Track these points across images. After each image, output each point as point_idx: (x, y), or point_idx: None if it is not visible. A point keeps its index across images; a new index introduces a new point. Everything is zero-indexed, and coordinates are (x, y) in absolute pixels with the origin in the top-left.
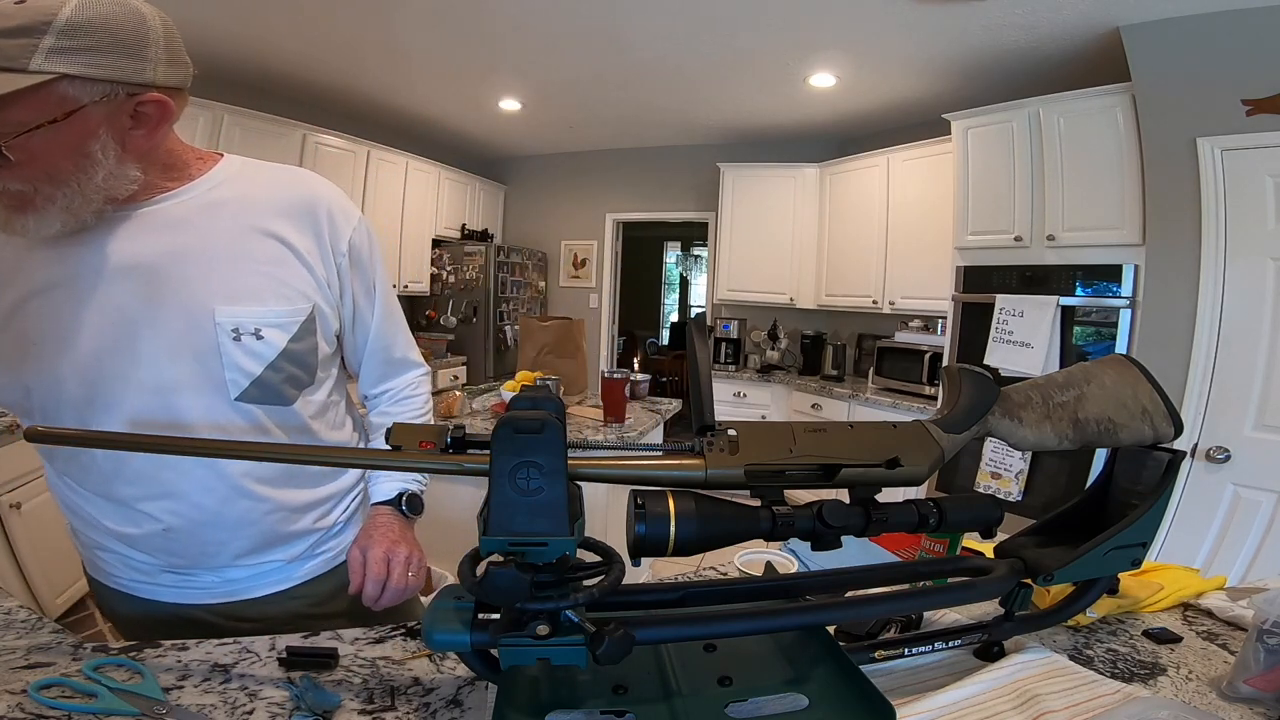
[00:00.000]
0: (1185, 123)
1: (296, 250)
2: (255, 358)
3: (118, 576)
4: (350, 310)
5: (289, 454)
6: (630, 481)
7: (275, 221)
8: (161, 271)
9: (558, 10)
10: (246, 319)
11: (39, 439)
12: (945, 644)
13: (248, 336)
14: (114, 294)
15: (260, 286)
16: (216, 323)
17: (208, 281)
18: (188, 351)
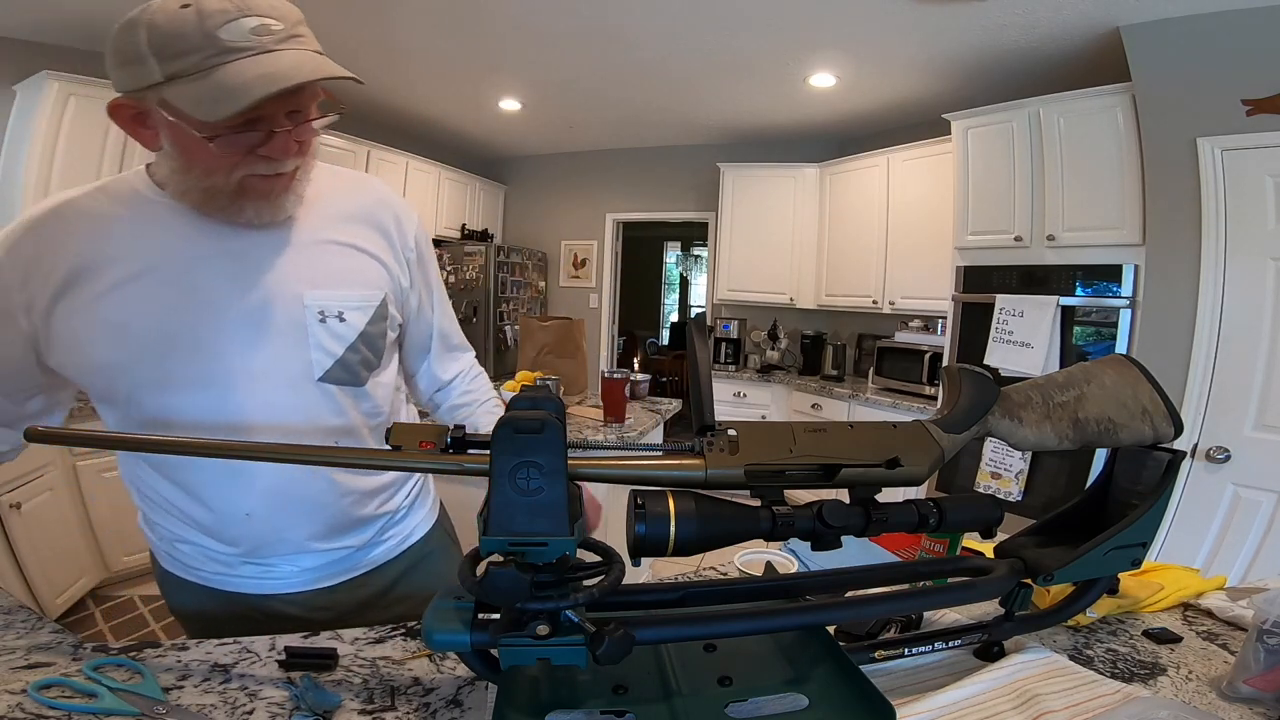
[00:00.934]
0: (1185, 123)
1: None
2: (338, 339)
3: (198, 569)
4: (415, 302)
5: (289, 454)
6: (630, 481)
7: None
8: (250, 258)
9: (558, 10)
10: (331, 302)
11: (39, 439)
12: (945, 644)
13: (332, 319)
14: (204, 279)
15: (341, 273)
16: (305, 305)
17: (295, 268)
18: (275, 333)
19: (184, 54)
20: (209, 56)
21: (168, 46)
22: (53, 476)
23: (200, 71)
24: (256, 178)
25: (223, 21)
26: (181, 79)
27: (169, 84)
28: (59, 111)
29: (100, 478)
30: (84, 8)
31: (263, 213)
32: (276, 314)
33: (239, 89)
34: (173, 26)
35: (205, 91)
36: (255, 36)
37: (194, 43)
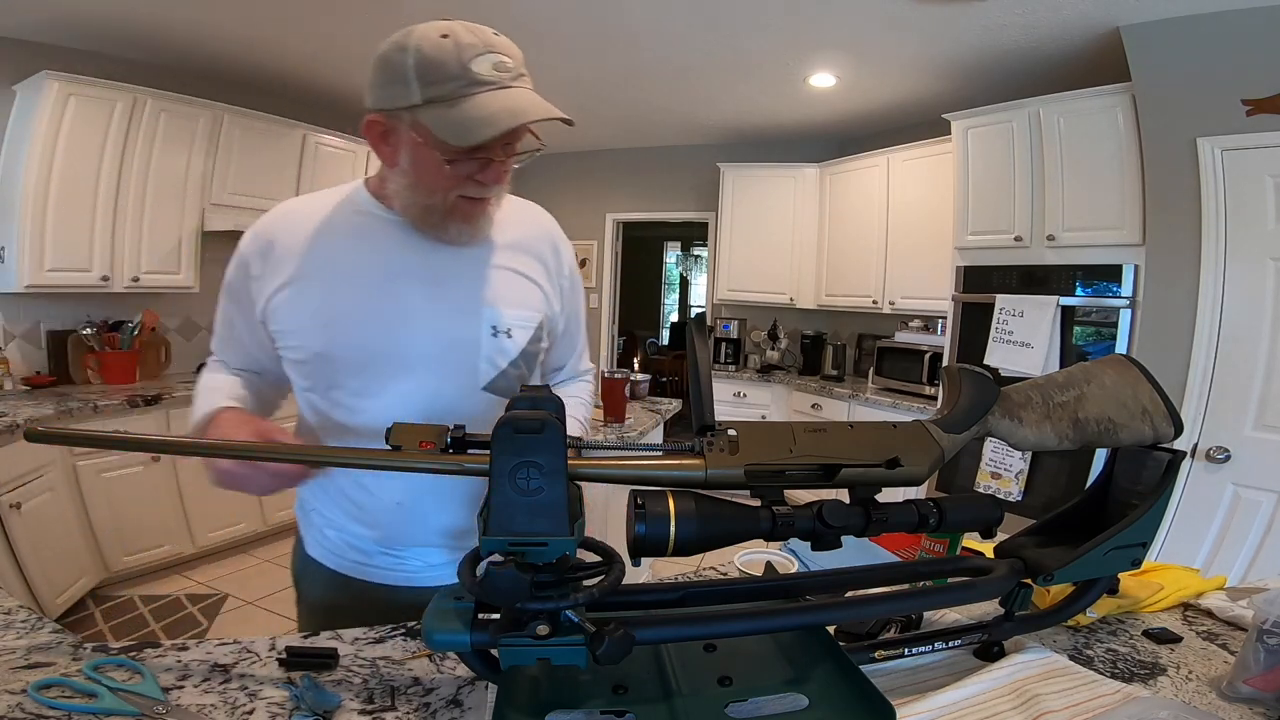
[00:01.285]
0: (1185, 123)
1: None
2: (503, 354)
3: (339, 556)
4: (562, 326)
5: (288, 454)
6: (630, 481)
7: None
8: (443, 275)
9: (558, 10)
10: (502, 320)
11: (39, 439)
12: (945, 644)
13: (501, 335)
14: (405, 290)
15: (511, 295)
16: (481, 320)
17: (477, 287)
18: (454, 344)
19: (442, 81)
20: (463, 86)
21: (430, 73)
22: (53, 476)
23: (454, 99)
24: (467, 200)
25: (474, 55)
26: (437, 103)
27: (425, 107)
28: (59, 111)
29: (100, 478)
30: (84, 8)
31: (464, 233)
32: (457, 327)
33: (487, 120)
34: (436, 54)
35: (457, 118)
36: (497, 72)
37: (452, 72)
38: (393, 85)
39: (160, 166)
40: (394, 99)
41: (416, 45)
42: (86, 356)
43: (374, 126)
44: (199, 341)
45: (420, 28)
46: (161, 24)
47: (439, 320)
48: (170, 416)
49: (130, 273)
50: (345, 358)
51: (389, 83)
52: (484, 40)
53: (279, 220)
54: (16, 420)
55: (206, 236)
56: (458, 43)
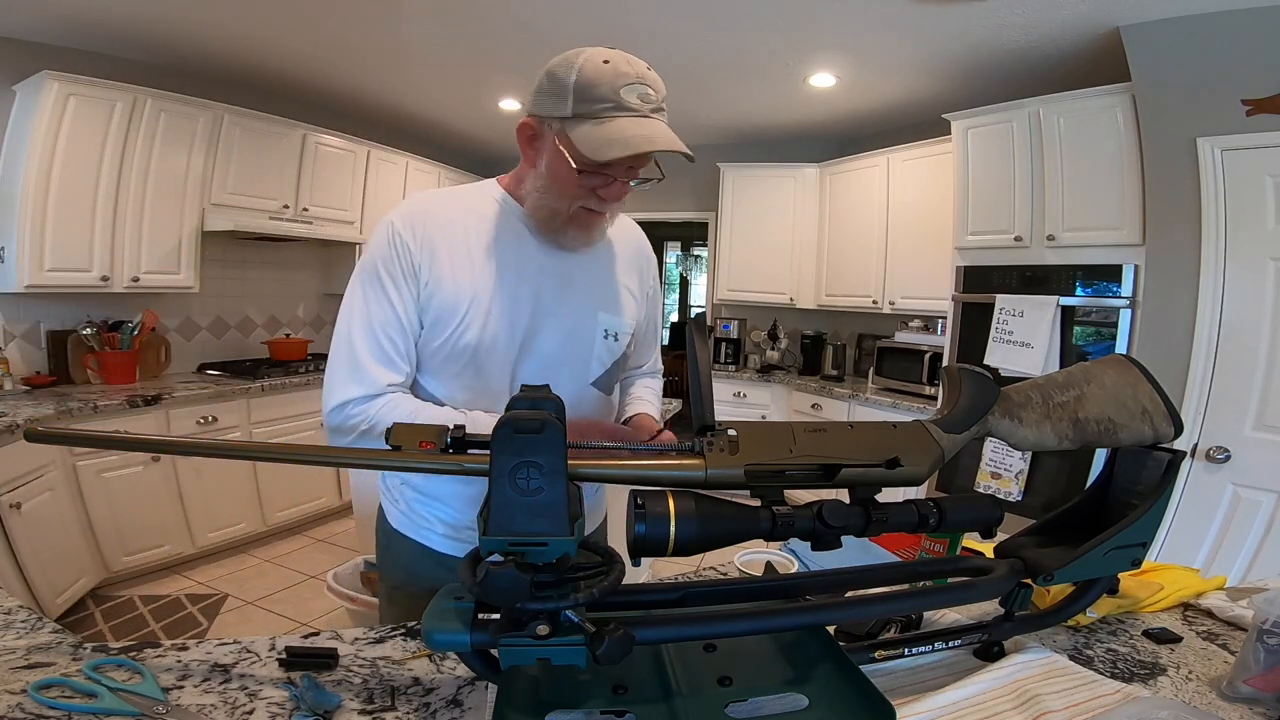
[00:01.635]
0: (1185, 123)
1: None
2: (610, 354)
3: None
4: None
5: (287, 454)
6: (630, 481)
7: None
8: (571, 278)
9: (558, 10)
10: (612, 325)
11: (39, 439)
12: (945, 644)
13: (610, 338)
14: (542, 287)
15: (619, 302)
16: (597, 323)
17: (595, 292)
18: (575, 341)
19: (594, 100)
20: (610, 108)
21: (586, 91)
22: (53, 476)
23: (600, 118)
24: (587, 211)
25: (626, 83)
26: (585, 119)
27: (573, 120)
28: (59, 111)
29: (100, 478)
30: (84, 8)
31: (579, 240)
32: (579, 326)
33: (623, 141)
34: (595, 76)
35: (598, 135)
36: (641, 102)
37: (604, 94)
38: (551, 96)
39: (160, 166)
40: (549, 108)
41: (581, 65)
42: (86, 356)
43: (525, 129)
44: (199, 341)
45: (589, 50)
46: (161, 24)
47: (565, 321)
48: (170, 416)
49: (130, 273)
50: (488, 344)
51: (549, 93)
52: (637, 72)
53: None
54: (16, 420)
55: (206, 236)
56: (615, 70)
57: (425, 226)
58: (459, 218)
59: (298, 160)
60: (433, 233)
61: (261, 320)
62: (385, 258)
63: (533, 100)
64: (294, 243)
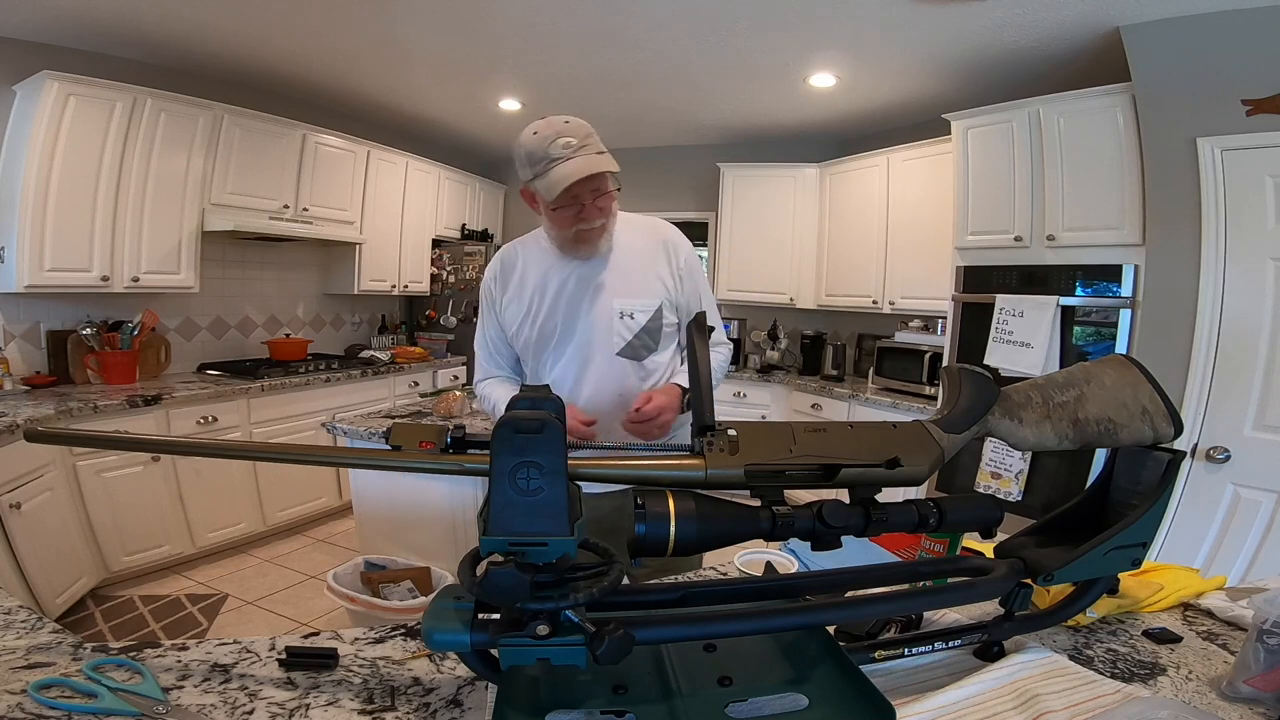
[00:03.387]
0: (1185, 123)
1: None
2: (629, 330)
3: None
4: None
5: (287, 454)
6: (630, 481)
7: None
8: (592, 279)
9: (558, 9)
10: (627, 306)
11: (39, 439)
12: (945, 644)
13: (626, 317)
14: (573, 291)
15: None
16: (613, 307)
17: (612, 284)
18: (600, 324)
19: (538, 161)
20: (548, 163)
21: (530, 158)
22: (53, 476)
23: (544, 173)
24: (580, 232)
25: (549, 141)
26: (538, 177)
27: (534, 179)
28: (59, 111)
29: (100, 478)
30: (84, 8)
31: (588, 252)
32: (600, 313)
33: (562, 179)
34: (533, 145)
35: (546, 182)
36: (565, 149)
37: (540, 155)
38: (522, 168)
39: (160, 166)
40: (525, 177)
41: (522, 142)
42: (86, 356)
43: (523, 195)
44: (199, 341)
45: (526, 129)
46: (161, 24)
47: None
48: (170, 416)
49: (130, 273)
50: (542, 338)
51: (520, 167)
52: (556, 130)
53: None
54: (16, 420)
55: (206, 236)
56: (541, 135)
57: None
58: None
59: (298, 160)
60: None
61: (261, 320)
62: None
63: (520, 175)
64: (294, 243)
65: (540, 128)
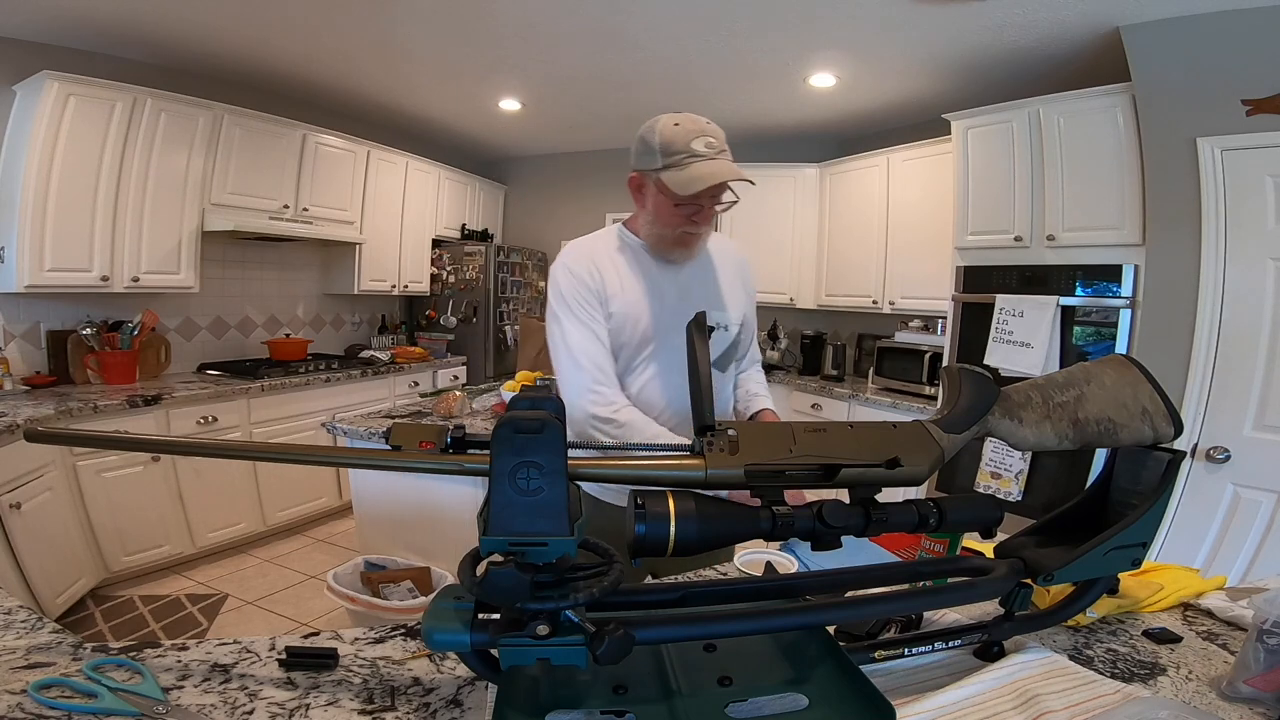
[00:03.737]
0: (1185, 123)
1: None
2: (722, 340)
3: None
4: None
5: (287, 454)
6: (630, 481)
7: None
8: (687, 287)
9: (558, 10)
10: (720, 319)
11: (39, 439)
12: (945, 644)
13: (720, 329)
14: (662, 300)
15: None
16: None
17: (705, 295)
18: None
19: (674, 154)
20: (687, 157)
21: (667, 147)
22: (53, 476)
23: (681, 165)
24: (686, 234)
25: (693, 137)
26: (670, 168)
27: (663, 170)
28: (59, 111)
29: (100, 478)
30: (84, 8)
31: (683, 256)
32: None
33: (701, 178)
34: (672, 136)
35: (683, 176)
36: (708, 148)
37: (679, 147)
38: (645, 155)
39: (160, 166)
40: (646, 164)
41: (661, 129)
42: (86, 356)
43: (632, 181)
44: (199, 341)
45: (663, 118)
46: (161, 24)
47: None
48: (170, 416)
49: (130, 273)
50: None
51: (643, 153)
52: (700, 128)
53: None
54: (16, 420)
55: (206, 236)
56: (685, 129)
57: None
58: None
59: (298, 160)
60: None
61: (261, 320)
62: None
63: (633, 160)
64: (294, 243)
65: (682, 121)
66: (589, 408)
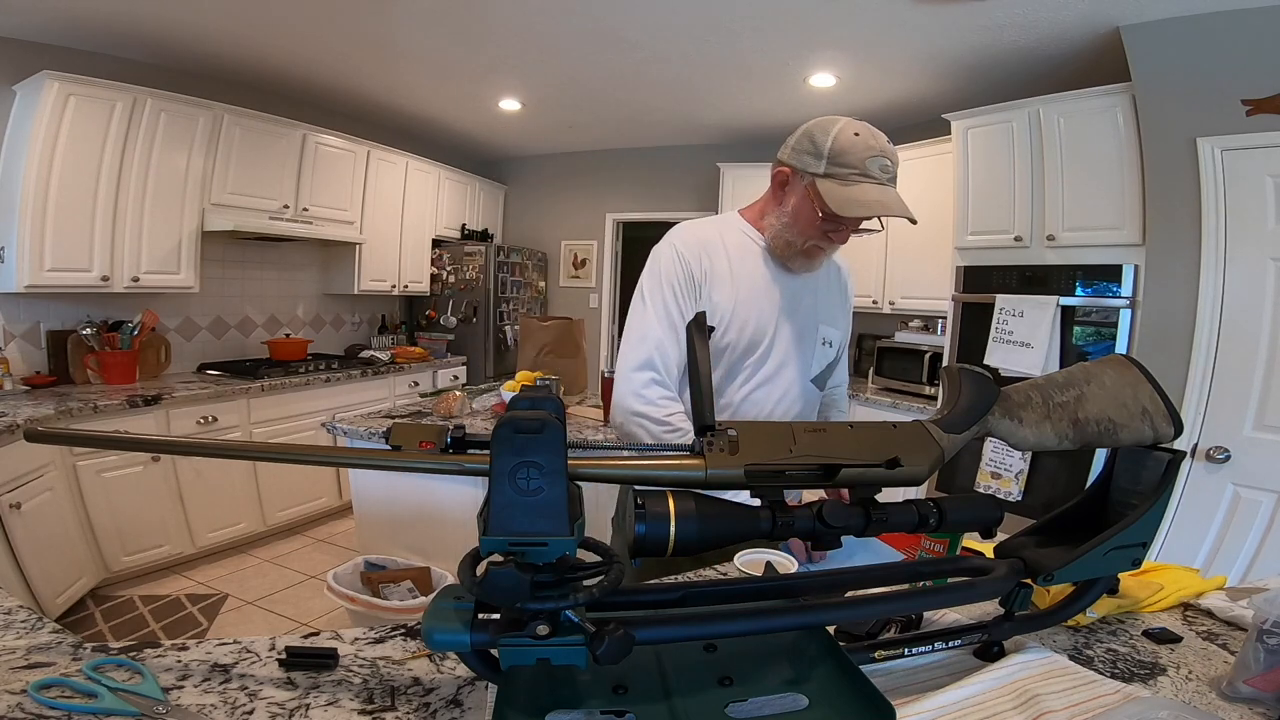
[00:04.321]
0: (1185, 123)
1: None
2: (825, 357)
3: None
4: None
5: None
6: (630, 481)
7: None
8: (799, 295)
9: (558, 10)
10: (829, 335)
11: (39, 439)
12: (945, 644)
13: (825, 345)
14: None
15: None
16: (818, 333)
17: (817, 307)
18: (802, 345)
19: (844, 165)
20: (855, 174)
21: (839, 157)
22: (53, 476)
23: (846, 180)
24: (815, 247)
25: (870, 155)
26: (832, 179)
27: (824, 177)
28: (59, 111)
29: (100, 478)
30: (84, 8)
31: (803, 268)
32: (805, 334)
33: (863, 203)
34: (847, 145)
35: (845, 194)
36: (882, 172)
37: (852, 161)
38: (808, 154)
39: (160, 166)
40: (804, 163)
41: (836, 134)
42: (86, 356)
43: (780, 175)
44: (199, 341)
45: (843, 120)
46: (161, 24)
47: (794, 328)
48: (170, 416)
49: (130, 273)
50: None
51: (806, 151)
52: (880, 147)
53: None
54: (16, 420)
55: (206, 236)
56: (864, 143)
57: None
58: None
59: (298, 160)
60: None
61: (261, 320)
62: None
63: (789, 152)
64: (294, 243)
65: (862, 132)
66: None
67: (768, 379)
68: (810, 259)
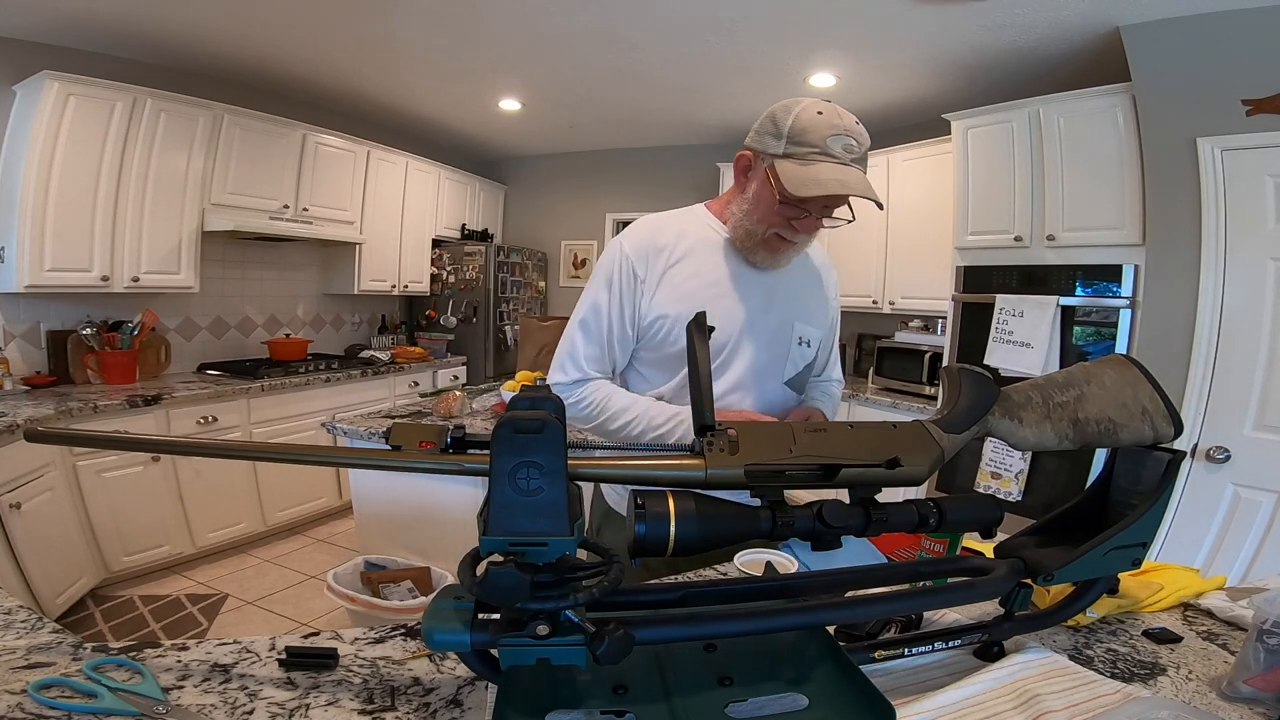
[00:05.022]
0: (1185, 123)
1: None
2: (802, 358)
3: None
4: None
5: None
6: (630, 481)
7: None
8: (772, 292)
9: (558, 10)
10: (806, 333)
11: (39, 439)
12: (945, 644)
13: (803, 344)
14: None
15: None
16: (794, 332)
17: (793, 305)
18: (775, 345)
19: (803, 144)
20: (815, 153)
21: (798, 135)
22: (53, 476)
23: (805, 160)
24: (778, 238)
25: (833, 133)
26: (791, 158)
27: (783, 158)
28: (59, 111)
29: (100, 478)
30: (84, 8)
31: (766, 261)
32: (778, 334)
33: (820, 182)
34: (808, 123)
35: (802, 174)
36: (845, 151)
37: (812, 140)
38: (769, 135)
39: (160, 166)
40: (765, 145)
41: (798, 112)
42: (86, 356)
43: (742, 159)
44: (199, 341)
45: (807, 100)
46: (161, 24)
47: (766, 330)
48: (170, 416)
49: (130, 273)
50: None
51: (767, 132)
52: (845, 125)
53: (653, 231)
54: (16, 420)
55: (206, 236)
56: (827, 120)
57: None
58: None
59: (298, 160)
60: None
61: (261, 320)
62: (614, 282)
63: (753, 135)
64: (294, 243)
65: (826, 110)
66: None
67: (743, 383)
68: (773, 252)
